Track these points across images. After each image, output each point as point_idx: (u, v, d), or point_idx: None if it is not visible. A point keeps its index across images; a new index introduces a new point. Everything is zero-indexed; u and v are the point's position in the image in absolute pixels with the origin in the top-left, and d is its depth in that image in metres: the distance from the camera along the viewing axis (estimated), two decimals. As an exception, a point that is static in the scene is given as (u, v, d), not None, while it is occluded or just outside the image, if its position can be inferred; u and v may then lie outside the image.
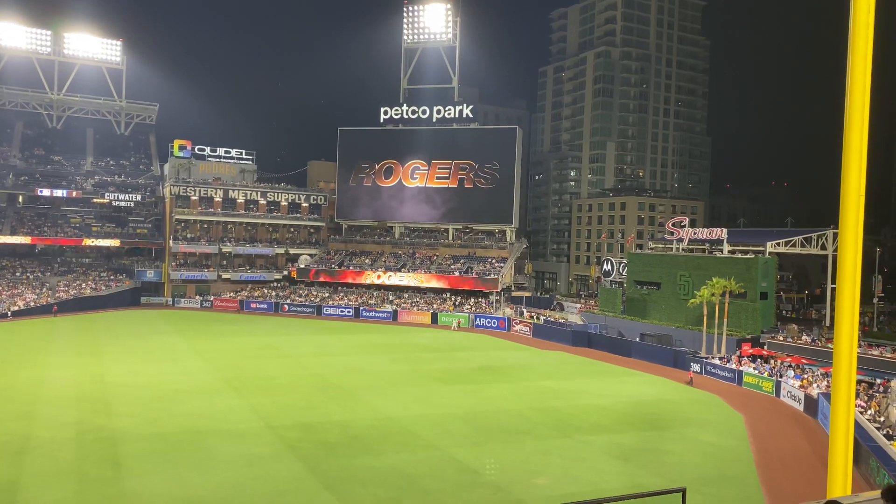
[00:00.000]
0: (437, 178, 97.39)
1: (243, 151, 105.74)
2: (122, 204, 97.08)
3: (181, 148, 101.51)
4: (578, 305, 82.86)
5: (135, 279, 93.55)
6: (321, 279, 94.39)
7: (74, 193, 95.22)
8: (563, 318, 74.78)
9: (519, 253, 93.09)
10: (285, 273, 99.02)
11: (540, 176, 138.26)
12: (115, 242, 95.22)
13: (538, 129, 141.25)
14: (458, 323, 74.69)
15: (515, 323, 75.73)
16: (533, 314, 78.37)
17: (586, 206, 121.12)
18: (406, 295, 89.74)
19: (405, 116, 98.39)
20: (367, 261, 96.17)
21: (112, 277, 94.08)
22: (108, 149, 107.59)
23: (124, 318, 78.22)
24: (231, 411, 36.37)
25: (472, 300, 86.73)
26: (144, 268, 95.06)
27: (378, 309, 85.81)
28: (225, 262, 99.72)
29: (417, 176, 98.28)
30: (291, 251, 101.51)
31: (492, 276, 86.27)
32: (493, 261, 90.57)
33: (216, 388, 42.72)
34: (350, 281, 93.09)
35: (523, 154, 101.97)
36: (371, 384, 44.91)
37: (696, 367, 52.72)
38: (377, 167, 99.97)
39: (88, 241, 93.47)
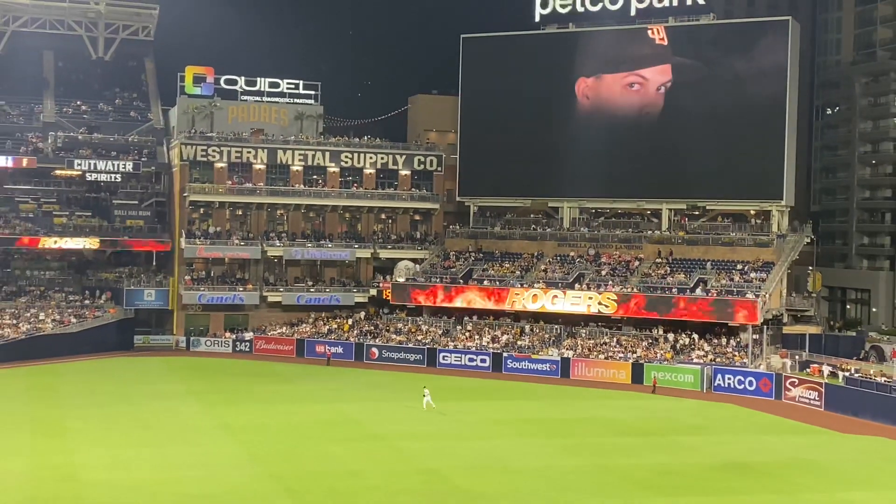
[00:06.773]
0: (638, 111, 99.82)
1: (301, 83, 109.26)
2: (103, 178, 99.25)
3: (198, 80, 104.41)
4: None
5: (124, 305, 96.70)
6: (434, 302, 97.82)
7: (25, 162, 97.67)
8: (885, 376, 74.97)
9: (796, 254, 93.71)
10: (373, 293, 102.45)
11: (836, 109, 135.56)
12: (91, 242, 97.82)
13: (829, 21, 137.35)
14: (428, 394, 66.57)
15: (791, 384, 77.58)
16: (825, 367, 79.90)
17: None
18: (584, 331, 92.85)
19: (579, 9, 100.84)
20: (514, 269, 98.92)
21: (87, 302, 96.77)
22: (77, 85, 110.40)
23: (107, 372, 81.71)
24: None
25: (707, 341, 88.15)
26: (140, 286, 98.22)
27: (535, 356, 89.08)
28: (273, 275, 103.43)
29: (603, 106, 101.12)
30: (383, 254, 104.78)
31: (745, 295, 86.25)
32: (747, 268, 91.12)
33: (259, 492, 43.99)
34: (484, 305, 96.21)
35: (801, 68, 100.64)
36: (527, 490, 45.79)
37: None
38: (530, 99, 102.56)
39: (48, 242, 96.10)
